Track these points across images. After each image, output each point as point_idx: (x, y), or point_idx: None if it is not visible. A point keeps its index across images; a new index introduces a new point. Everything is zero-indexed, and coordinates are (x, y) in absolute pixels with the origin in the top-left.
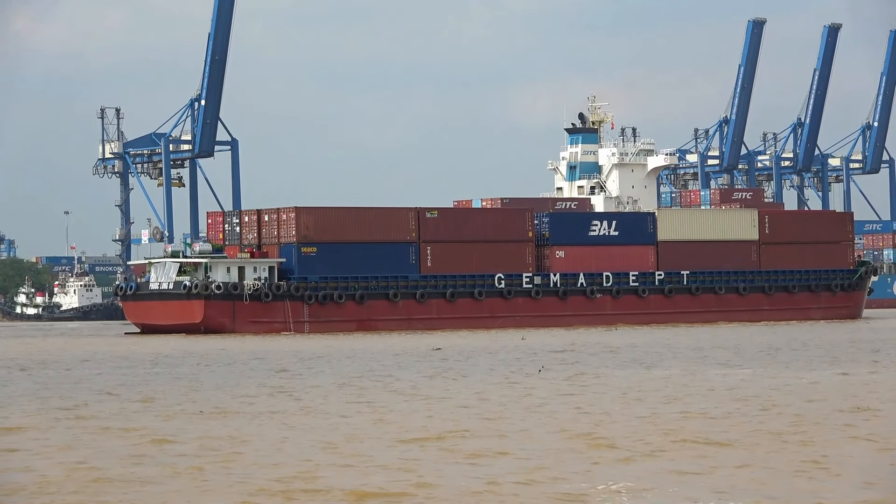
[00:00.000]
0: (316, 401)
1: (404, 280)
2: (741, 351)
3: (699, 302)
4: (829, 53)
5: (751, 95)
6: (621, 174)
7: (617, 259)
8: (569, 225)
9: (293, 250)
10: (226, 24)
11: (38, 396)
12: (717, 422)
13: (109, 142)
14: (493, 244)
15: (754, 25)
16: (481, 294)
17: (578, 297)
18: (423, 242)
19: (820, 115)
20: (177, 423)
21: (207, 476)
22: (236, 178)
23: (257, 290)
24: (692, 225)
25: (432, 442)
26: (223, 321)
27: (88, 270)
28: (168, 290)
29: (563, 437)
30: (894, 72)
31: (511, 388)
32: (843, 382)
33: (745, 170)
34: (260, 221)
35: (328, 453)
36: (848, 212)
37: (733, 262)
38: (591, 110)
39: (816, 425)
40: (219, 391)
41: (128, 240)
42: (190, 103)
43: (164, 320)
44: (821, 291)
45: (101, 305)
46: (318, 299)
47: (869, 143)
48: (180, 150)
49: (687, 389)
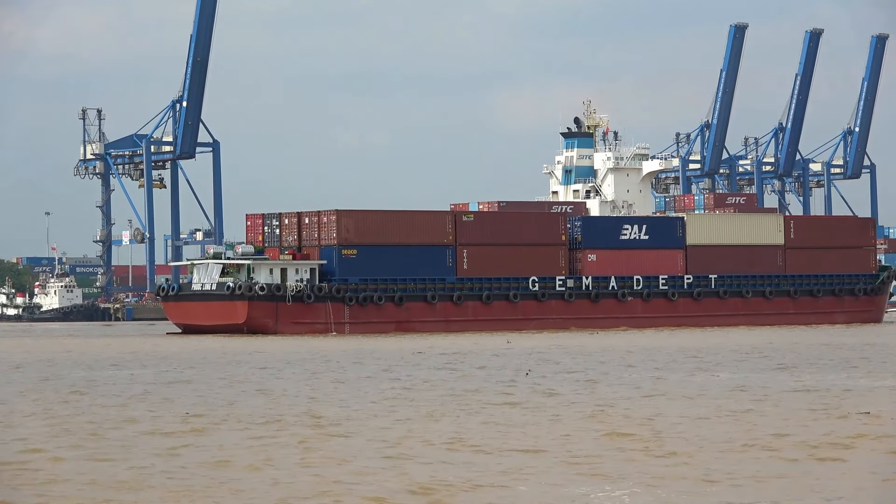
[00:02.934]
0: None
1: (441, 282)
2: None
3: (727, 305)
4: (811, 59)
5: (732, 100)
6: (616, 178)
7: (647, 262)
8: (601, 229)
9: (334, 252)
10: (208, 25)
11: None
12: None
13: (91, 143)
14: (527, 247)
15: (736, 30)
16: (516, 297)
17: (610, 300)
18: (459, 245)
19: (801, 120)
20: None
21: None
22: (217, 179)
23: (300, 292)
24: (720, 229)
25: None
26: (266, 322)
27: (69, 271)
28: (211, 290)
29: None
30: (875, 77)
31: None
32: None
33: (727, 174)
34: (300, 224)
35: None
36: (870, 217)
37: (759, 267)
38: (587, 115)
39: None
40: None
41: (108, 241)
42: (171, 105)
43: (207, 321)
44: (844, 296)
45: (82, 306)
46: (359, 301)
47: (850, 149)
48: (162, 151)
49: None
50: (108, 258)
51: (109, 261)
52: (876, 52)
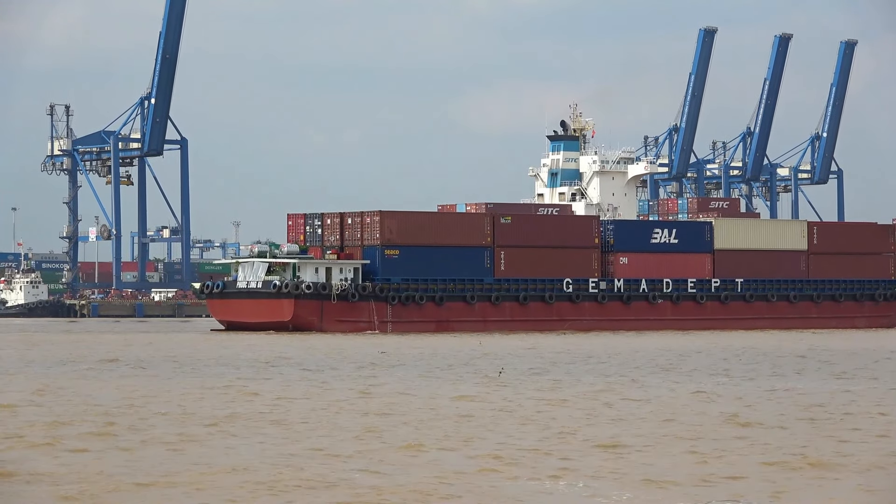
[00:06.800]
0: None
1: (479, 283)
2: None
3: (752, 309)
4: (780, 63)
5: (701, 104)
6: (602, 182)
7: (676, 266)
8: (632, 232)
9: (376, 252)
10: (177, 22)
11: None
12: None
13: (58, 139)
14: (562, 249)
15: (706, 34)
16: (551, 298)
17: (641, 303)
18: (497, 247)
19: (769, 125)
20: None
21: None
22: (185, 176)
23: (344, 291)
24: (747, 234)
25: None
26: (311, 320)
27: (35, 267)
28: (257, 288)
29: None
30: (844, 83)
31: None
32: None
33: (694, 178)
34: (343, 224)
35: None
36: (890, 224)
37: (784, 271)
38: (573, 118)
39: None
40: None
41: (75, 237)
42: (140, 101)
43: (253, 318)
44: (864, 301)
45: (47, 302)
46: (401, 300)
47: (818, 154)
48: (129, 148)
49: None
50: (75, 254)
51: (76, 257)
52: (844, 57)
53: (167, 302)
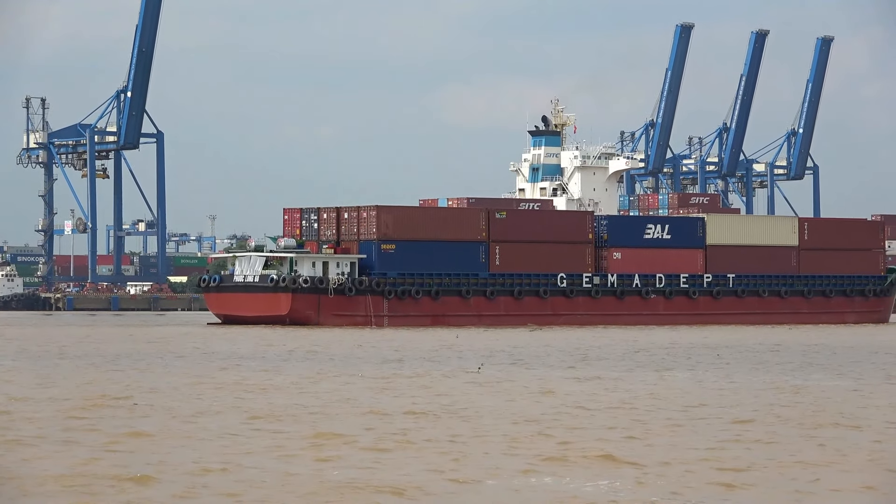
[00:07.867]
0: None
1: (475, 277)
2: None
3: (744, 304)
4: (756, 60)
5: (677, 100)
6: (583, 177)
7: (669, 261)
8: (626, 228)
9: (373, 247)
10: (153, 16)
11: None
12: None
13: (34, 132)
14: (556, 244)
15: (682, 30)
16: (546, 293)
17: (634, 298)
18: (492, 242)
19: (746, 121)
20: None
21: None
22: (161, 170)
23: (341, 285)
24: (738, 230)
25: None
26: (309, 314)
27: (10, 260)
28: (254, 282)
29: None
30: (820, 79)
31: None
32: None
33: (671, 173)
34: (339, 218)
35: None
36: (879, 220)
37: (775, 267)
38: (555, 113)
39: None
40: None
41: (51, 230)
42: (116, 95)
43: (250, 312)
44: (854, 296)
45: (22, 295)
46: (397, 294)
47: (794, 150)
48: (105, 141)
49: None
50: (50, 248)
51: (51, 250)
52: (821, 54)
53: (143, 295)
